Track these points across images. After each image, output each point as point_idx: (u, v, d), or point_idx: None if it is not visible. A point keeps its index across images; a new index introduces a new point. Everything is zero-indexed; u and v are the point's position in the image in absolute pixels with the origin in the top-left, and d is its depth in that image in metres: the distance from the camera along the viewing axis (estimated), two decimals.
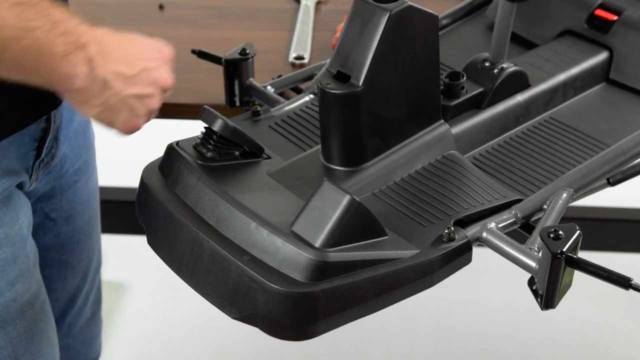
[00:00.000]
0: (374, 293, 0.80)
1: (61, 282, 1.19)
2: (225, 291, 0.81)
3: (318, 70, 1.13)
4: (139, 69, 0.87)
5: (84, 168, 1.15)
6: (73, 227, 1.16)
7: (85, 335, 1.29)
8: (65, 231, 1.15)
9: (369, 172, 0.92)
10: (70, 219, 1.15)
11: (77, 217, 1.16)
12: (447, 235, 0.84)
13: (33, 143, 1.00)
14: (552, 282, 0.80)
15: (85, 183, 1.16)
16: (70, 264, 1.19)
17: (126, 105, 0.87)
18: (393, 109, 0.92)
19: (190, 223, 0.84)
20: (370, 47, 0.88)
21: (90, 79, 0.83)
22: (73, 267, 1.20)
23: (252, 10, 1.44)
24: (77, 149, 1.12)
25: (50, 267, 1.16)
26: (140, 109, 0.89)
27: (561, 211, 0.88)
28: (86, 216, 1.19)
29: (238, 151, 0.92)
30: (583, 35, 1.13)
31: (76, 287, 1.22)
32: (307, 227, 0.79)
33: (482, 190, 0.91)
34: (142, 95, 0.88)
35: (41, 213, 1.11)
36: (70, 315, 1.24)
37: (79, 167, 1.13)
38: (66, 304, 1.22)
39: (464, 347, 2.03)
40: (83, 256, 1.21)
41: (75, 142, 1.11)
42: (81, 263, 1.21)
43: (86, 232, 1.20)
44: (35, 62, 0.80)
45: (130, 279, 2.23)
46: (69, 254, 1.18)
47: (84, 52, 0.82)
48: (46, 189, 1.09)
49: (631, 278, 0.78)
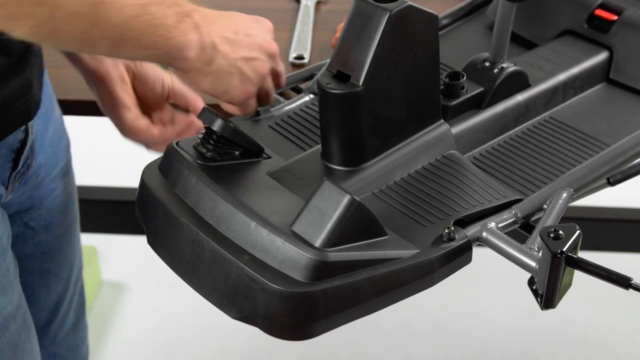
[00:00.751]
0: (374, 293, 0.80)
1: (44, 291, 1.17)
2: (225, 291, 0.81)
3: (318, 70, 1.13)
4: (242, 34, 0.89)
5: (61, 175, 1.13)
6: (53, 235, 1.14)
7: (71, 341, 1.27)
8: (45, 239, 1.13)
9: (369, 172, 0.92)
10: (50, 227, 1.13)
11: (57, 225, 1.15)
12: (447, 235, 0.84)
13: (10, 154, 0.98)
14: (552, 282, 0.80)
15: (63, 190, 1.14)
16: (52, 271, 1.17)
17: (236, 68, 0.89)
18: (393, 109, 0.92)
19: (190, 223, 0.84)
20: (370, 47, 0.88)
21: (201, 45, 0.85)
22: (55, 275, 1.18)
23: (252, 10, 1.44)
24: (52, 157, 1.10)
25: (32, 276, 1.14)
26: (249, 72, 0.90)
27: (561, 211, 0.88)
28: (66, 223, 1.17)
29: (238, 151, 0.92)
30: (583, 35, 1.13)
31: (59, 294, 1.20)
32: (307, 227, 0.80)
33: (482, 190, 0.91)
34: (249, 58, 0.89)
35: (20, 223, 1.10)
36: (55, 323, 1.22)
37: (55, 175, 1.12)
38: (50, 312, 1.20)
39: (464, 347, 2.03)
40: (64, 263, 1.19)
41: (50, 151, 1.09)
42: (63, 270, 1.19)
43: (66, 239, 1.18)
44: (154, 35, 0.81)
45: (130, 279, 2.23)
46: (50, 262, 1.16)
47: (191, 19, 0.84)
48: (23, 199, 1.07)
49: (631, 278, 0.78)
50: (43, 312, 1.19)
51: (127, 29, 0.79)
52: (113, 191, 2.01)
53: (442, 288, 0.96)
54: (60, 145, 1.13)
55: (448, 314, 2.10)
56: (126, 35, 0.80)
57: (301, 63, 1.31)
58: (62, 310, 1.22)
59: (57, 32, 0.76)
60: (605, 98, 1.08)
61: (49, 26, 0.75)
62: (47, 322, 1.20)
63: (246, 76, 0.90)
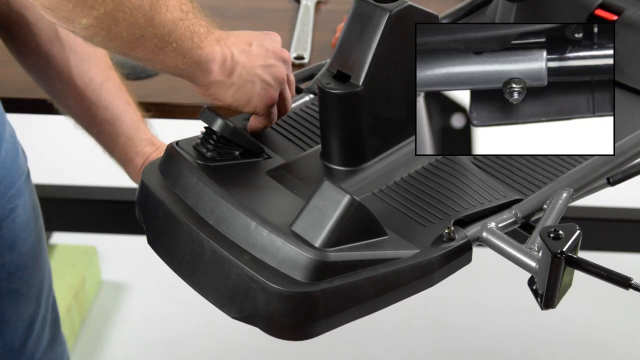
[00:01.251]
0: (374, 293, 0.80)
1: (14, 311, 1.13)
2: (225, 291, 0.81)
3: (318, 70, 1.13)
4: (255, 45, 0.92)
5: (19, 193, 1.09)
6: (18, 254, 1.11)
7: (50, 359, 1.23)
8: (10, 260, 1.10)
9: (368, 171, 0.92)
10: (14, 247, 1.10)
11: (21, 244, 1.11)
12: (447, 235, 0.84)
13: None
14: (552, 282, 0.80)
15: (24, 208, 1.10)
16: (20, 291, 1.13)
17: (257, 76, 0.91)
18: (393, 109, 0.92)
19: (190, 223, 0.84)
20: (370, 47, 0.88)
21: (223, 57, 0.88)
22: (24, 294, 1.14)
23: (252, 10, 1.44)
24: (7, 178, 1.06)
25: (1, 299, 1.11)
26: (269, 78, 0.93)
27: (561, 211, 0.88)
28: (30, 241, 1.12)
29: (238, 151, 0.92)
30: None
31: (32, 313, 1.16)
32: (307, 227, 0.80)
33: (482, 190, 0.91)
34: (267, 65, 0.92)
35: None
36: (30, 343, 1.18)
37: (12, 194, 1.08)
38: (24, 332, 1.16)
39: (464, 348, 2.03)
40: (33, 281, 1.15)
41: (4, 174, 1.06)
42: (32, 288, 1.15)
43: (33, 256, 1.14)
44: (190, 42, 0.84)
45: (130, 279, 2.23)
46: (17, 282, 1.12)
47: (214, 33, 0.87)
48: None
49: (631, 278, 0.78)
50: (16, 333, 1.15)
51: (172, 31, 0.82)
52: (113, 191, 2.01)
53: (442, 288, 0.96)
54: (16, 164, 1.08)
55: (448, 314, 2.10)
56: (170, 37, 0.82)
57: (301, 63, 1.31)
58: (36, 328, 1.18)
59: (114, 26, 0.77)
60: None
61: (111, 18, 0.76)
62: (22, 343, 1.16)
63: (267, 82, 0.92)
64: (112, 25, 0.77)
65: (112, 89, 1.14)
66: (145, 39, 0.80)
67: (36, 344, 1.19)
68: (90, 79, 1.13)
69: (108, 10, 0.75)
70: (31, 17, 1.09)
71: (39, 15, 1.06)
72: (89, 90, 1.13)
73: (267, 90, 0.93)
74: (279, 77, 0.94)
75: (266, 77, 0.92)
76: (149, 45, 0.81)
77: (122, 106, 1.15)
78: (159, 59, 0.84)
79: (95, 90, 1.13)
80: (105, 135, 1.16)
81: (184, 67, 0.86)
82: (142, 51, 0.82)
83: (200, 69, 0.87)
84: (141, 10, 0.77)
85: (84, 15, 0.75)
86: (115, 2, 0.75)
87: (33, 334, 1.18)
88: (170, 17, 0.81)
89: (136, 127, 1.15)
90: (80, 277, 2.08)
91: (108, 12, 0.75)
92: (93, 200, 1.98)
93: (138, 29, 0.79)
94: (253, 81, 0.91)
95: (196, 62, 0.86)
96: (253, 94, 0.92)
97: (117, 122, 1.14)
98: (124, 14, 0.76)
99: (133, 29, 0.78)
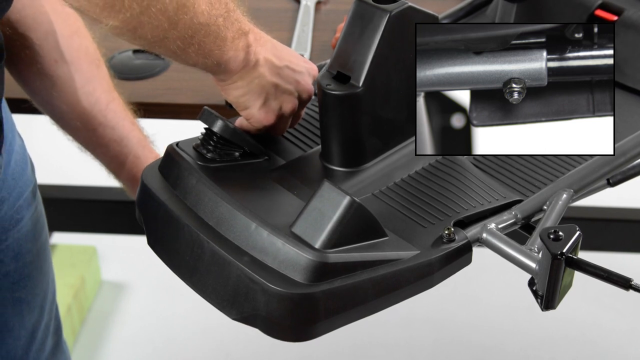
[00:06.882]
0: (374, 294, 0.80)
1: (18, 320, 1.13)
2: (225, 292, 0.81)
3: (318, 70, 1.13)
4: (285, 64, 0.92)
5: (27, 204, 1.10)
6: (22, 264, 1.11)
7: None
8: (14, 269, 1.10)
9: (368, 172, 0.92)
10: (19, 256, 1.10)
11: (26, 254, 1.11)
12: (447, 236, 0.84)
13: None
14: (552, 283, 0.80)
15: (30, 218, 1.11)
16: (24, 300, 1.13)
17: (265, 91, 0.91)
18: (393, 110, 0.92)
19: (190, 224, 0.84)
20: (370, 48, 0.88)
21: (245, 62, 0.88)
22: (28, 303, 1.14)
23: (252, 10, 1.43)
24: (16, 189, 1.07)
25: (4, 307, 1.11)
26: (274, 102, 0.92)
27: (561, 212, 0.88)
28: (34, 250, 1.13)
29: (238, 152, 0.92)
30: None
31: (34, 322, 1.16)
32: (307, 228, 0.79)
33: (482, 191, 0.91)
34: (281, 88, 0.92)
35: None
36: (32, 351, 1.18)
37: (20, 204, 1.08)
38: (27, 341, 1.16)
39: (464, 348, 2.03)
40: (37, 290, 1.15)
41: (13, 184, 1.06)
42: (36, 298, 1.15)
43: (37, 266, 1.14)
44: (213, 45, 0.85)
45: (130, 279, 2.23)
46: (21, 291, 1.12)
47: (245, 38, 0.88)
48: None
49: (631, 278, 0.78)
50: (19, 342, 1.15)
51: (195, 34, 0.82)
52: (113, 191, 2.00)
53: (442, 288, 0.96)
54: (24, 175, 1.09)
55: (448, 314, 2.10)
56: (193, 40, 0.83)
57: None
58: (39, 337, 1.18)
59: (140, 28, 0.79)
60: None
61: (137, 21, 0.78)
62: (24, 352, 1.16)
63: (269, 105, 0.92)
64: (138, 28, 0.78)
65: (117, 109, 1.15)
66: (169, 41, 0.81)
67: (38, 353, 1.19)
68: (96, 99, 1.13)
69: (134, 14, 0.77)
70: (36, 39, 1.10)
71: (44, 36, 1.08)
72: (95, 111, 1.13)
73: (266, 112, 0.92)
74: (284, 108, 0.93)
75: (272, 99, 0.92)
76: (172, 45, 0.82)
77: (129, 126, 1.15)
78: (180, 58, 0.85)
79: (101, 111, 1.14)
80: (112, 155, 1.16)
81: (204, 67, 0.87)
82: (165, 50, 0.83)
83: (220, 69, 0.88)
84: (166, 15, 0.78)
85: (110, 18, 0.77)
86: (142, 6, 0.76)
87: (35, 342, 1.18)
88: (194, 23, 0.81)
89: (143, 146, 1.16)
90: (80, 277, 2.08)
91: (134, 15, 0.77)
92: (93, 200, 1.98)
93: (162, 31, 0.80)
94: (259, 95, 0.91)
95: (217, 63, 0.87)
96: (253, 106, 0.92)
97: (125, 142, 1.15)
98: (149, 18, 0.78)
99: (157, 32, 0.80)
